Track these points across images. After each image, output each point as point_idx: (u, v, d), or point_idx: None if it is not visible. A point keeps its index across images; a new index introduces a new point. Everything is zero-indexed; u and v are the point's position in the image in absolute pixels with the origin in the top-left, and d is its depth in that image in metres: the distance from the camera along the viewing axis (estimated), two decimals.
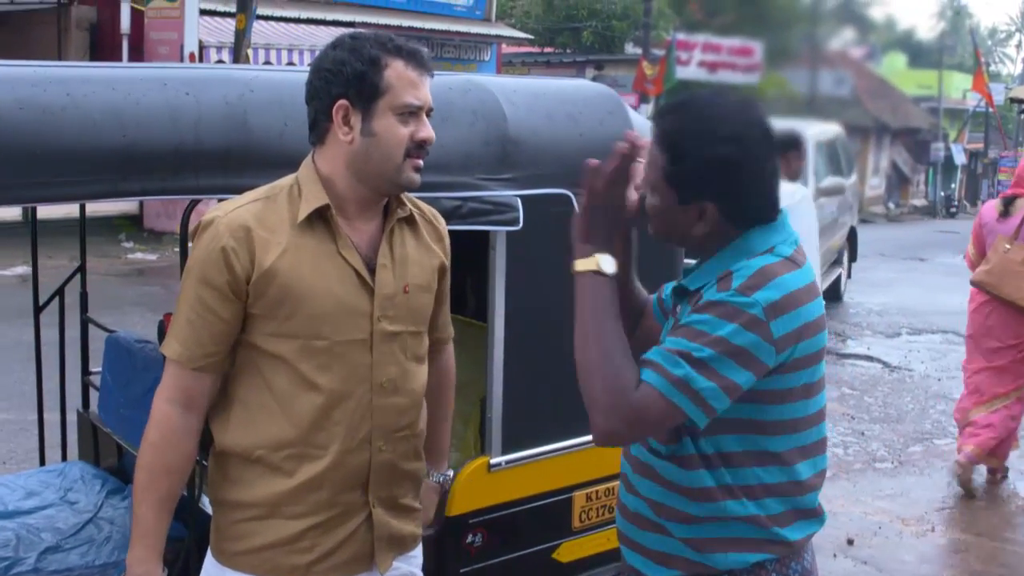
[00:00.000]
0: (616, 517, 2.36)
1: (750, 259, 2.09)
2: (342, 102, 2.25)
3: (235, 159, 2.71)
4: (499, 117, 3.17)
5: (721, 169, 2.08)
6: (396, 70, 2.24)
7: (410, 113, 2.26)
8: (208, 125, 2.68)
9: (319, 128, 2.30)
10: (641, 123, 3.53)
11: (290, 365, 2.27)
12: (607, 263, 2.11)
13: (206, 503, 3.06)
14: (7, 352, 8.10)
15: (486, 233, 3.18)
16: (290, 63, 17.25)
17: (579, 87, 3.54)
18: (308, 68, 2.37)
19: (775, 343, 2.03)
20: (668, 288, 2.32)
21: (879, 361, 10.97)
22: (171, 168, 2.63)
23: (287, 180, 2.34)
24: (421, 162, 2.31)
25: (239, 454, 2.32)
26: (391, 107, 2.24)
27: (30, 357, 4.17)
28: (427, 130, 2.29)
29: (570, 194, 3.28)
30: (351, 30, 2.42)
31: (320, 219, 2.28)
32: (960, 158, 37.48)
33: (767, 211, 2.15)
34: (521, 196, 3.17)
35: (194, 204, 2.76)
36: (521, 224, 3.16)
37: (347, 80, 2.23)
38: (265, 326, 2.26)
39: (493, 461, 3.26)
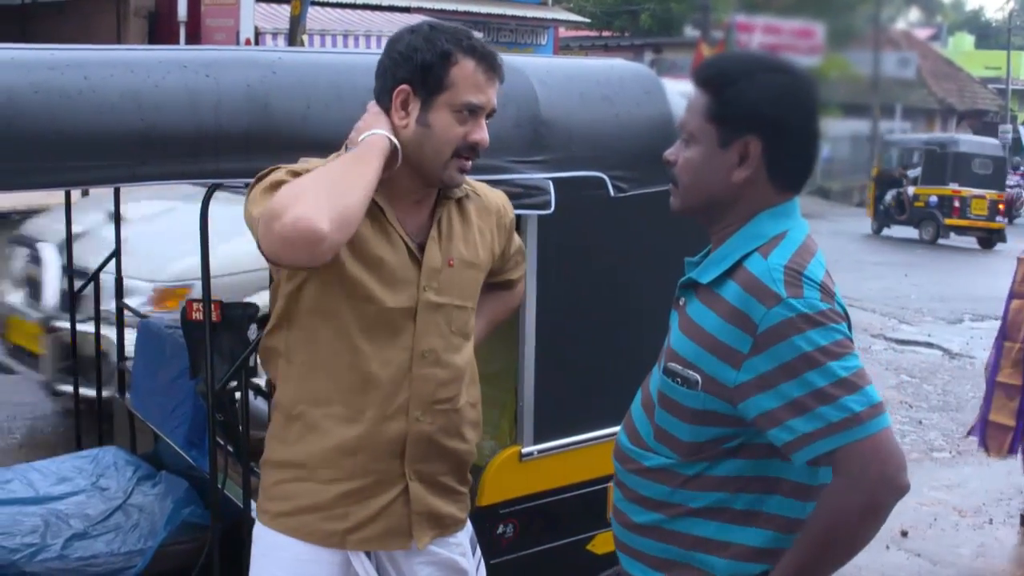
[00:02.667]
0: (613, 523, 2.26)
1: (764, 248, 1.97)
2: (404, 87, 2.28)
3: (256, 142, 2.65)
4: (531, 99, 3.09)
5: (771, 94, 1.97)
6: (465, 69, 2.26)
7: (469, 112, 2.28)
8: (229, 108, 2.63)
9: (387, 105, 2.32)
10: (680, 103, 3.43)
11: (339, 321, 2.29)
12: None
13: (230, 490, 3.04)
14: None
15: (517, 217, 3.10)
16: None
17: (614, 67, 3.44)
18: (338, 51, 2.34)
19: (844, 318, 1.95)
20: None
21: (939, 348, 10.77)
22: (190, 152, 2.58)
23: (331, 157, 2.35)
24: (469, 164, 2.34)
25: (283, 408, 2.38)
26: (450, 104, 2.27)
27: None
28: (481, 133, 2.31)
29: (604, 177, 3.20)
30: (426, 20, 2.41)
31: None
32: None
33: (806, 170, 2.04)
34: (553, 179, 3.08)
35: (214, 189, 2.72)
36: (553, 208, 3.08)
37: (415, 67, 2.26)
38: (324, 273, 2.26)
39: (525, 450, 3.20)
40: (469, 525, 2.64)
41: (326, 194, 2.06)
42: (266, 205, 2.09)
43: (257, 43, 16.20)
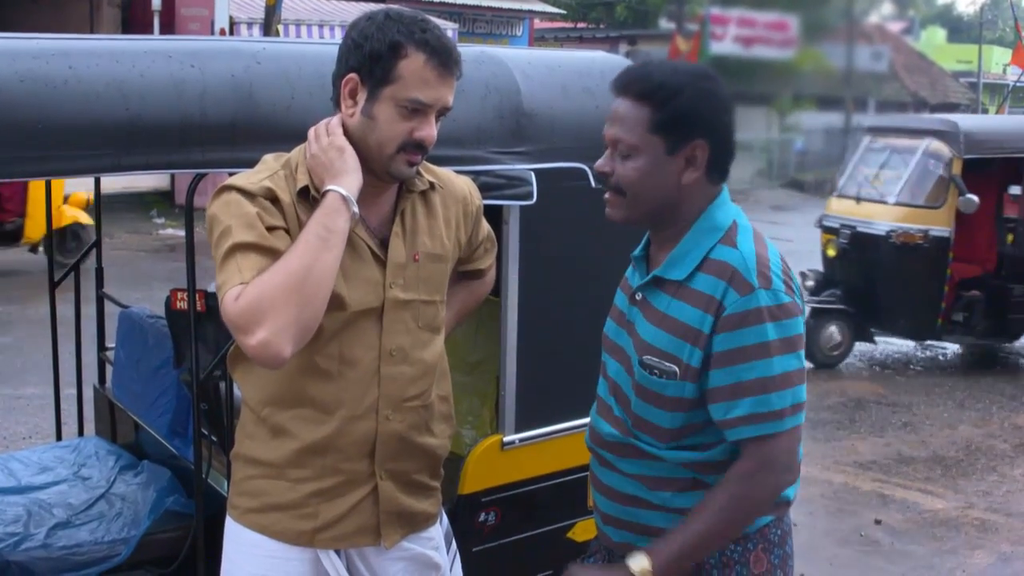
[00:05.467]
0: (599, 501, 2.34)
1: (726, 239, 2.14)
2: (352, 76, 2.22)
3: (241, 132, 2.66)
4: (513, 90, 3.11)
5: (711, 101, 2.14)
6: (414, 62, 2.18)
7: (415, 109, 2.20)
8: (214, 98, 2.64)
9: (335, 93, 2.28)
10: None
11: None
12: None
13: (215, 480, 3.05)
14: (37, 326, 8.16)
15: (499, 208, 3.13)
16: (320, 39, 17.23)
17: (594, 59, 3.46)
18: (322, 41, 2.31)
19: (802, 311, 2.15)
20: (635, 278, 2.31)
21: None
22: (176, 142, 2.59)
23: (296, 151, 2.33)
24: (418, 158, 2.27)
25: (252, 408, 2.34)
26: (395, 97, 2.19)
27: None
28: (428, 131, 2.23)
29: (585, 168, 3.22)
30: (386, 6, 2.35)
31: (311, 197, 2.25)
32: None
33: (730, 162, 2.21)
34: (535, 170, 3.11)
35: (200, 178, 2.72)
36: (535, 198, 3.10)
37: (364, 56, 2.20)
38: None
39: (506, 439, 3.22)
40: (445, 519, 2.63)
41: (295, 305, 2.04)
42: (228, 301, 2.05)
43: (232, 33, 16.14)
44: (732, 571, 2.18)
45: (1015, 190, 9.77)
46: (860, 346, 9.59)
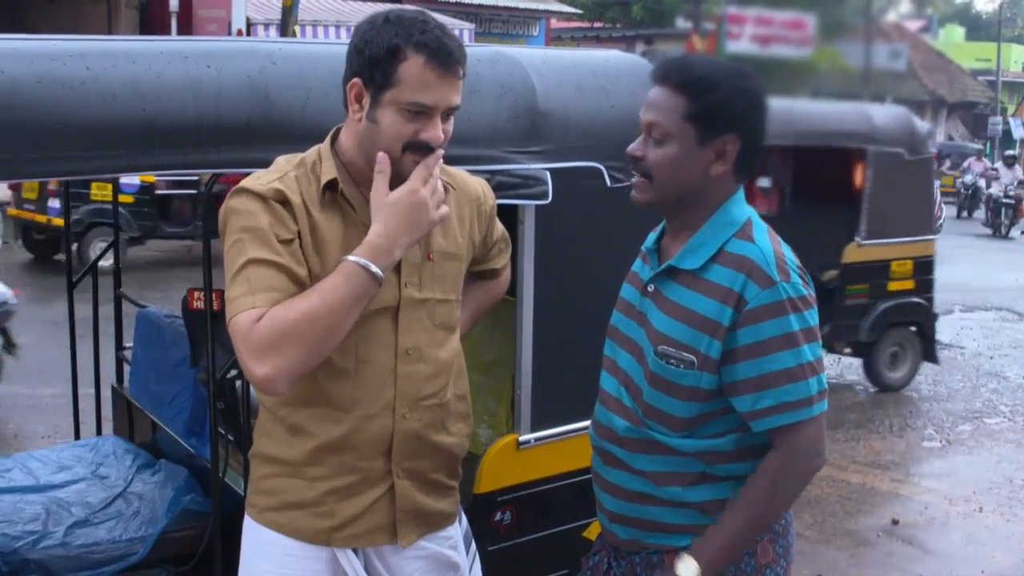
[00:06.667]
0: (605, 500, 2.35)
1: (742, 234, 2.20)
2: (356, 80, 2.21)
3: (257, 133, 2.67)
4: (528, 89, 3.11)
5: (746, 98, 2.19)
6: (413, 65, 2.15)
7: (418, 112, 2.18)
8: (229, 98, 2.65)
9: (344, 97, 2.27)
10: None
11: None
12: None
13: (231, 479, 3.06)
14: (55, 326, 8.22)
15: (515, 207, 3.13)
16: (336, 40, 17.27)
17: (610, 58, 3.46)
18: (337, 41, 2.29)
19: (815, 302, 2.21)
20: (645, 271, 2.34)
21: None
22: (192, 142, 2.60)
23: (313, 151, 2.33)
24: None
25: (268, 407, 2.35)
26: (397, 101, 2.17)
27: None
28: (433, 131, 2.19)
29: (601, 167, 3.23)
30: (397, 7, 2.33)
31: (339, 191, 2.27)
32: (1018, 132, 36.80)
33: (756, 163, 2.28)
34: (550, 170, 3.11)
35: (215, 178, 2.74)
36: (550, 198, 3.10)
37: (365, 61, 2.19)
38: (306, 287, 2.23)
39: (522, 439, 3.22)
40: (464, 520, 2.63)
41: (309, 353, 2.09)
42: (245, 321, 2.08)
43: (249, 33, 16.17)
44: (740, 561, 2.21)
45: (764, 183, 9.09)
46: None
